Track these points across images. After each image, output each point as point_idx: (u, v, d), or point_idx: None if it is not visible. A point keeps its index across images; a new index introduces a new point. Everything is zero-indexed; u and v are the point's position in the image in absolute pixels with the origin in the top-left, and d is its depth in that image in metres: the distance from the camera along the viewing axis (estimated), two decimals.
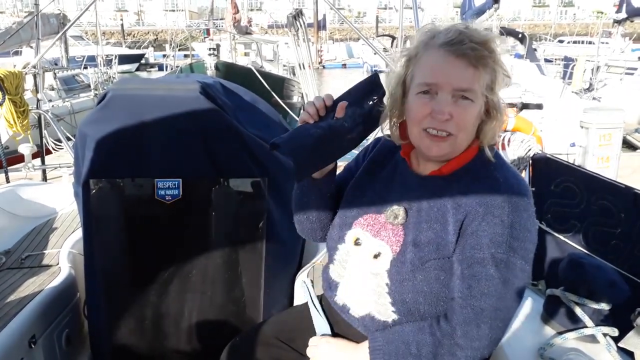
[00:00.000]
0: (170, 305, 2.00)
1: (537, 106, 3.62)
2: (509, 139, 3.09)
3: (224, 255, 1.99)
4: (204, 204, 1.94)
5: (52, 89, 12.22)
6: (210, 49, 10.52)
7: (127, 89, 1.96)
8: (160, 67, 28.70)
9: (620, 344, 1.40)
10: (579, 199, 2.40)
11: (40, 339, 1.92)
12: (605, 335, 1.46)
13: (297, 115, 9.59)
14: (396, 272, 1.21)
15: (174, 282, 1.98)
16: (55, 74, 12.79)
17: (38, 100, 5.81)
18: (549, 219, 2.60)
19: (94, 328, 2.05)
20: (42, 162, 5.44)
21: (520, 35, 15.86)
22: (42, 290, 2.03)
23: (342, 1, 63.63)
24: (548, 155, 2.82)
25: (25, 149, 5.26)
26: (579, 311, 1.50)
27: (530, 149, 2.98)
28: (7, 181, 4.34)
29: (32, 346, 1.85)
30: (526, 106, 3.49)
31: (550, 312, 1.60)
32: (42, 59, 6.68)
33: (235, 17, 15.94)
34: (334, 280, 1.37)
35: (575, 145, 4.88)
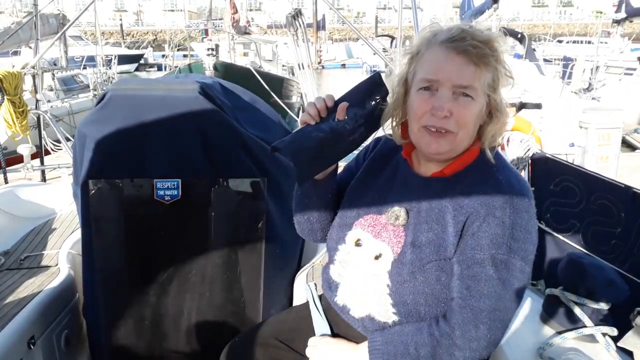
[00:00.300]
0: (170, 305, 2.00)
1: (536, 106, 3.62)
2: (508, 139, 3.09)
3: (223, 255, 1.98)
4: (203, 204, 1.94)
5: (51, 89, 12.19)
6: (209, 49, 10.50)
7: (126, 89, 1.95)
8: (160, 67, 28.66)
9: (620, 344, 1.40)
10: (579, 199, 2.40)
11: (40, 340, 1.91)
12: (604, 334, 1.46)
13: (296, 115, 9.57)
14: (397, 273, 1.21)
15: (173, 283, 1.98)
16: (54, 74, 12.77)
17: (37, 101, 5.79)
18: (548, 219, 2.60)
19: (93, 329, 2.05)
20: (41, 163, 5.42)
21: (519, 36, 15.83)
22: (41, 291, 2.03)
23: (342, 1, 63.62)
24: (547, 154, 2.82)
25: (24, 150, 5.25)
26: (578, 311, 1.50)
27: (529, 148, 2.97)
28: (6, 182, 4.33)
29: (32, 347, 1.84)
30: (525, 106, 3.49)
31: (550, 311, 1.60)
32: (41, 60, 6.67)
33: (234, 18, 15.92)
34: (334, 280, 1.37)
35: (574, 146, 4.88)
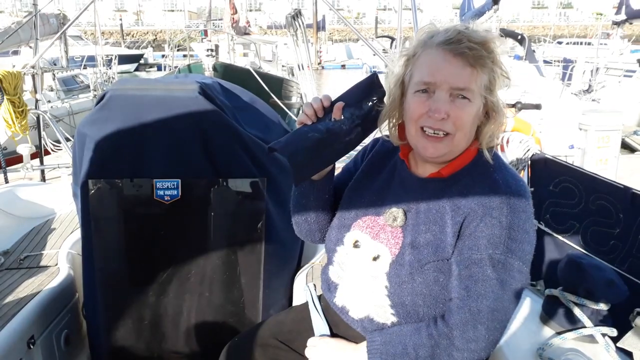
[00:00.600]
0: (169, 305, 2.00)
1: (536, 106, 3.61)
2: (507, 140, 3.09)
3: (223, 255, 1.99)
4: (203, 204, 1.94)
5: (52, 89, 12.18)
6: (208, 50, 10.46)
7: (126, 89, 1.95)
8: (159, 68, 28.65)
9: (619, 344, 1.41)
10: (578, 199, 2.40)
11: (39, 340, 1.91)
12: (604, 335, 1.46)
13: (296, 116, 9.56)
14: (395, 274, 1.21)
15: (172, 283, 1.98)
16: (54, 74, 12.75)
17: (37, 101, 5.79)
18: (547, 219, 2.60)
19: (92, 328, 2.05)
20: (41, 163, 5.43)
21: (519, 37, 15.83)
22: (40, 290, 2.03)
23: (342, 2, 63.66)
24: (547, 155, 2.82)
25: (24, 150, 5.26)
26: (577, 311, 1.50)
27: (528, 149, 2.97)
28: (6, 181, 4.34)
29: (31, 347, 1.84)
30: (524, 106, 3.48)
31: (549, 312, 1.60)
32: (41, 59, 6.67)
33: (233, 18, 15.91)
34: (333, 281, 1.37)
35: (574, 147, 4.88)
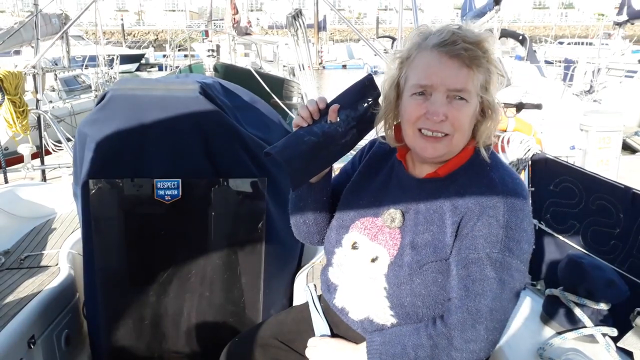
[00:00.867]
0: (170, 305, 2.00)
1: (536, 106, 3.61)
2: (508, 140, 3.09)
3: (223, 255, 1.99)
4: (204, 204, 1.94)
5: (53, 89, 12.19)
6: (209, 50, 10.47)
7: (127, 89, 1.95)
8: (160, 68, 28.73)
9: (619, 344, 1.41)
10: (578, 199, 2.40)
11: (40, 339, 1.91)
12: (604, 335, 1.46)
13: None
14: (394, 276, 1.21)
15: (173, 283, 1.98)
16: (56, 74, 12.76)
17: (37, 101, 5.80)
18: (548, 219, 2.60)
19: (93, 328, 2.05)
20: (42, 163, 5.43)
21: (520, 37, 15.82)
22: (41, 290, 2.03)
23: (343, 2, 63.70)
24: (547, 155, 2.82)
25: (25, 150, 5.26)
26: (578, 311, 1.50)
27: (529, 149, 2.97)
28: (7, 181, 4.34)
29: (32, 346, 1.85)
30: (525, 106, 3.48)
31: (550, 312, 1.60)
32: (43, 59, 6.67)
33: (234, 18, 15.93)
34: (333, 283, 1.37)
35: (575, 148, 4.88)
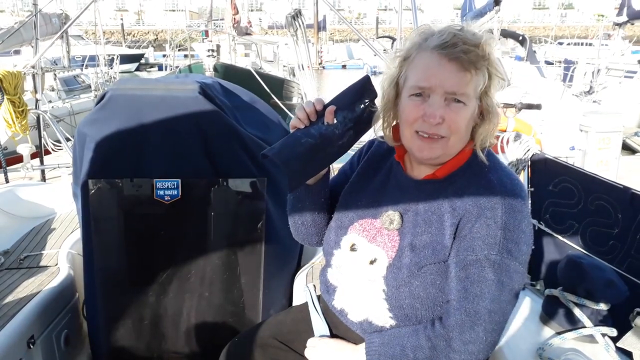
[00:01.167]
0: (169, 305, 2.00)
1: (536, 106, 3.61)
2: (507, 140, 3.09)
3: (223, 255, 1.99)
4: (203, 204, 1.94)
5: (53, 89, 12.19)
6: (209, 50, 10.45)
7: (126, 89, 1.95)
8: (160, 67, 28.73)
9: (619, 344, 1.40)
10: (577, 199, 2.40)
11: (39, 340, 1.91)
12: (603, 335, 1.46)
13: None
14: (392, 278, 1.21)
15: (173, 283, 1.98)
16: (55, 74, 12.76)
17: (37, 101, 5.80)
18: (547, 219, 2.60)
19: (93, 328, 2.05)
20: (41, 163, 5.43)
21: (520, 38, 15.82)
22: (41, 290, 2.03)
23: (343, 2, 63.69)
24: (547, 155, 2.81)
25: (24, 149, 5.26)
26: (577, 311, 1.50)
27: (529, 149, 2.97)
28: (6, 181, 4.34)
29: (31, 346, 1.84)
30: (525, 106, 3.48)
31: (549, 312, 1.60)
32: (42, 59, 6.67)
33: (234, 18, 15.92)
34: (332, 284, 1.37)
35: (574, 149, 4.88)
